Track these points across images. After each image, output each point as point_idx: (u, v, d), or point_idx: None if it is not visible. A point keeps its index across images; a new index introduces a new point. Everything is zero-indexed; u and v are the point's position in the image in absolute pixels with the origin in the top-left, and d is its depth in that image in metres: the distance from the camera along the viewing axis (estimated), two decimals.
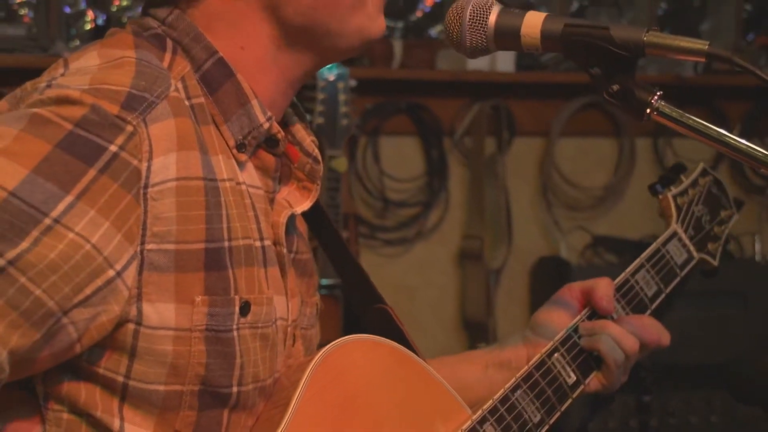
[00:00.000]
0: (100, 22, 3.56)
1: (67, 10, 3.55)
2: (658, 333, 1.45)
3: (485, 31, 1.23)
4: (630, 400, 3.36)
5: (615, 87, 1.17)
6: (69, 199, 1.03)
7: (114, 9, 3.61)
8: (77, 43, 3.50)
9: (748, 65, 1.13)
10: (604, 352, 1.40)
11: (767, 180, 3.94)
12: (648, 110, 1.16)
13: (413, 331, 1.38)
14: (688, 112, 1.18)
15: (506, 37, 1.23)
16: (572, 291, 1.48)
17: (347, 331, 1.38)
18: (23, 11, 3.52)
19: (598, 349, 1.41)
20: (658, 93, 1.17)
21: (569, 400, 1.40)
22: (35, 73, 1.19)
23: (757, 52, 3.93)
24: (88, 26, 3.59)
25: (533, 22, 1.21)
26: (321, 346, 1.23)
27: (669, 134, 3.83)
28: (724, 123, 3.90)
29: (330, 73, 3.19)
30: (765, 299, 3.55)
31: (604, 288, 1.44)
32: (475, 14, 1.23)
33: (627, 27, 1.18)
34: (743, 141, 1.16)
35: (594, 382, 1.43)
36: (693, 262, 1.57)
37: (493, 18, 1.23)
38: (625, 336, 1.41)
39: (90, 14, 3.60)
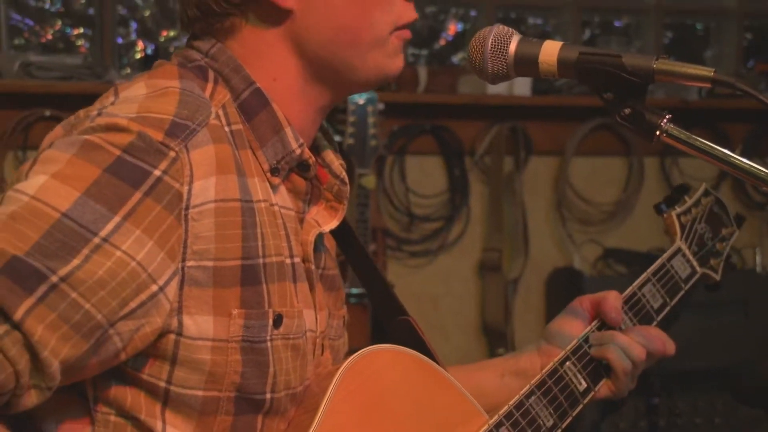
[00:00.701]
0: (149, 51, 3.58)
1: (120, 40, 3.58)
2: (663, 343, 1.44)
3: (506, 59, 1.23)
4: (640, 403, 3.34)
5: (627, 111, 1.17)
6: (117, 219, 1.03)
7: (162, 39, 3.63)
8: (128, 71, 3.53)
9: (750, 90, 1.12)
10: (613, 361, 1.39)
11: (767, 197, 3.92)
12: (658, 132, 1.16)
13: (437, 336, 1.38)
14: (693, 133, 1.17)
15: (525, 64, 1.22)
16: (583, 303, 1.47)
17: (375, 338, 1.38)
18: (80, 42, 3.56)
19: (607, 358, 1.39)
20: (667, 116, 1.16)
21: (580, 406, 1.38)
22: (91, 98, 1.20)
23: (757, 78, 3.92)
24: (138, 55, 3.61)
25: (550, 50, 1.21)
26: (349, 353, 1.23)
27: (675, 154, 3.82)
28: (727, 143, 3.88)
29: (360, 97, 3.20)
30: (765, 308, 3.53)
31: (612, 300, 1.43)
32: (497, 43, 1.23)
33: (638, 55, 1.17)
34: (746, 161, 1.15)
35: (604, 389, 1.42)
36: (696, 276, 1.55)
37: (513, 47, 1.23)
38: (632, 345, 1.40)
39: (140, 44, 3.63)
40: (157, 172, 1.06)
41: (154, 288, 1.06)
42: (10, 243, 0.99)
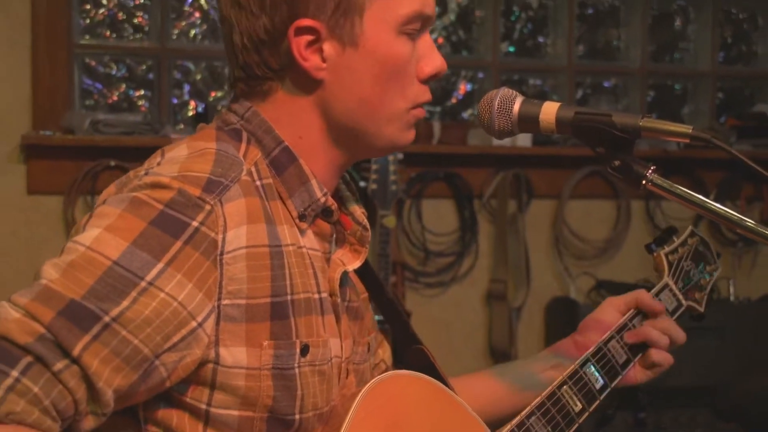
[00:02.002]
0: (200, 110, 3.61)
1: (174, 101, 3.61)
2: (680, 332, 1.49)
3: (510, 118, 1.23)
4: (629, 417, 3.31)
5: (617, 162, 1.17)
6: (160, 266, 1.04)
7: (211, 99, 3.66)
8: (182, 126, 3.55)
9: (722, 144, 1.12)
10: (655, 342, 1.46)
11: (739, 236, 3.90)
12: (644, 182, 1.16)
13: (449, 358, 1.38)
14: (673, 180, 1.17)
15: (527, 122, 1.22)
16: (614, 303, 1.50)
17: (396, 357, 1.38)
18: (141, 102, 3.59)
19: (650, 338, 1.45)
20: (652, 167, 1.16)
21: (575, 425, 1.37)
22: (149, 150, 1.21)
23: (728, 131, 3.91)
24: (190, 113, 3.64)
25: (549, 110, 1.21)
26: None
27: (658, 197, 3.80)
28: (703, 188, 3.87)
29: None
30: (739, 334, 3.50)
31: (646, 296, 1.48)
32: (502, 104, 1.23)
33: (625, 114, 1.17)
34: (719, 206, 1.15)
35: (642, 373, 1.47)
36: (682, 309, 1.54)
37: (516, 107, 1.23)
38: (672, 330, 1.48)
39: (192, 104, 3.66)
40: (195, 224, 1.07)
41: (194, 324, 1.06)
42: (69, 288, 1.00)
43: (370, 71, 1.18)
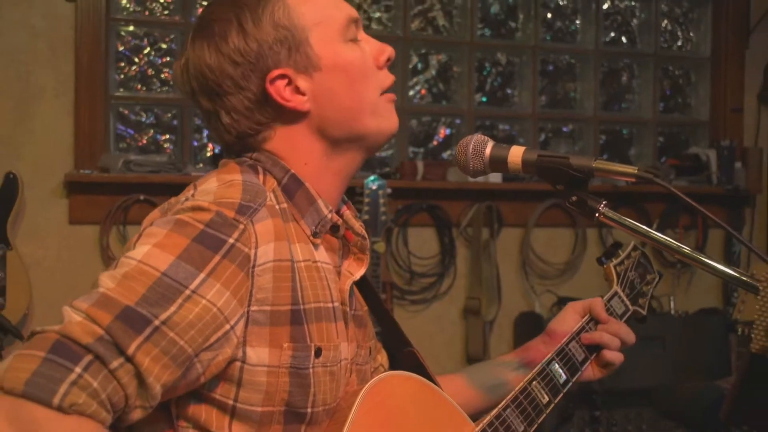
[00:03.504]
0: (216, 151, 3.61)
1: (195, 143, 3.62)
2: (630, 334, 1.49)
3: (483, 160, 1.24)
4: (585, 414, 3.30)
5: (574, 198, 1.18)
6: (202, 276, 1.04)
7: None
8: (201, 165, 3.56)
9: (663, 182, 1.13)
10: (608, 345, 1.46)
11: (678, 259, 3.91)
12: (597, 215, 1.17)
13: (431, 365, 1.38)
14: (622, 212, 1.18)
15: (498, 163, 1.23)
16: (576, 307, 1.50)
17: (391, 362, 1.39)
18: (166, 145, 3.59)
19: (603, 343, 1.45)
20: (604, 202, 1.17)
21: (544, 415, 1.38)
22: (174, 186, 1.21)
23: (668, 170, 3.94)
24: (208, 154, 3.65)
25: (516, 153, 1.22)
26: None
27: (610, 226, 3.81)
28: (647, 219, 3.89)
29: (373, 184, 3.22)
30: (678, 343, 3.51)
31: (599, 303, 1.48)
32: (476, 148, 1.24)
33: (581, 156, 1.18)
34: (662, 235, 1.16)
35: (598, 371, 1.47)
36: (629, 313, 1.55)
37: (488, 151, 1.24)
38: (622, 333, 1.47)
39: (210, 146, 3.66)
40: (231, 240, 1.07)
41: (227, 327, 1.06)
42: (124, 295, 1.00)
43: (341, 82, 1.19)
